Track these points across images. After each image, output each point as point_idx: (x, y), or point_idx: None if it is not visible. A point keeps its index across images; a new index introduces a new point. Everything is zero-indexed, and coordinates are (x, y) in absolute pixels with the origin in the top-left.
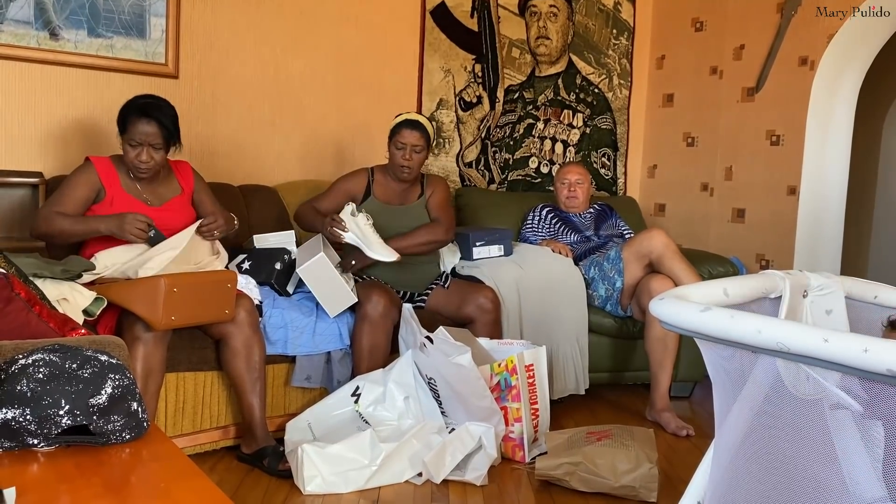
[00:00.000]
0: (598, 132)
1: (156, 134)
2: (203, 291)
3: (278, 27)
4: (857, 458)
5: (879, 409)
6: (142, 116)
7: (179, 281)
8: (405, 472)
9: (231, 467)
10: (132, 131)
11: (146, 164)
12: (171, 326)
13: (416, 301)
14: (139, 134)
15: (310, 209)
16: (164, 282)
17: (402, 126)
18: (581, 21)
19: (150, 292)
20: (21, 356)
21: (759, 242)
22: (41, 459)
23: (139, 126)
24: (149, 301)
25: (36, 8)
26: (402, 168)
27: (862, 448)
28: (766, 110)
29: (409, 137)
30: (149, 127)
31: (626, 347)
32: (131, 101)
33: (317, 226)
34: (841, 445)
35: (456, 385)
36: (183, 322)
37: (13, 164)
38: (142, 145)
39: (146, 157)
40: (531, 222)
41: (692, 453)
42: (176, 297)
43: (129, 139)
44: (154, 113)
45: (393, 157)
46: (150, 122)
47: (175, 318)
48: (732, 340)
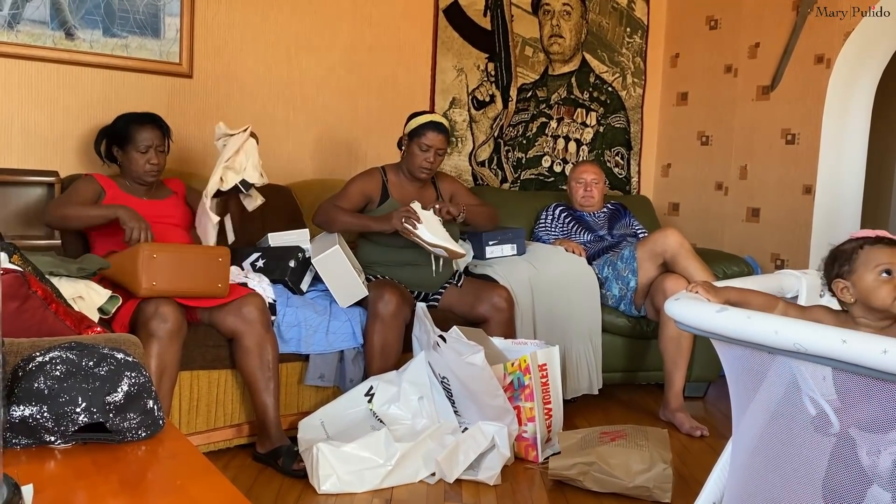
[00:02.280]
0: (612, 131)
1: (160, 137)
2: (189, 262)
3: (292, 26)
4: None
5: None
6: (145, 122)
7: (161, 249)
8: (420, 472)
9: (245, 465)
10: (140, 138)
11: (157, 166)
12: (153, 293)
13: (429, 300)
14: (147, 139)
15: (336, 209)
16: (144, 248)
17: (428, 128)
18: (594, 19)
19: (133, 259)
20: (38, 354)
21: (774, 242)
22: (58, 456)
23: (144, 132)
24: (132, 267)
25: (52, 8)
26: (423, 169)
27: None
28: (781, 109)
29: (434, 140)
30: (154, 131)
31: (640, 347)
32: (120, 117)
33: (354, 225)
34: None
35: (469, 384)
36: (167, 289)
37: (29, 163)
38: (150, 149)
39: (156, 160)
40: (544, 221)
41: (706, 454)
42: (156, 263)
43: (137, 147)
44: (154, 119)
45: (414, 158)
46: (154, 127)
47: (156, 284)
48: (749, 341)
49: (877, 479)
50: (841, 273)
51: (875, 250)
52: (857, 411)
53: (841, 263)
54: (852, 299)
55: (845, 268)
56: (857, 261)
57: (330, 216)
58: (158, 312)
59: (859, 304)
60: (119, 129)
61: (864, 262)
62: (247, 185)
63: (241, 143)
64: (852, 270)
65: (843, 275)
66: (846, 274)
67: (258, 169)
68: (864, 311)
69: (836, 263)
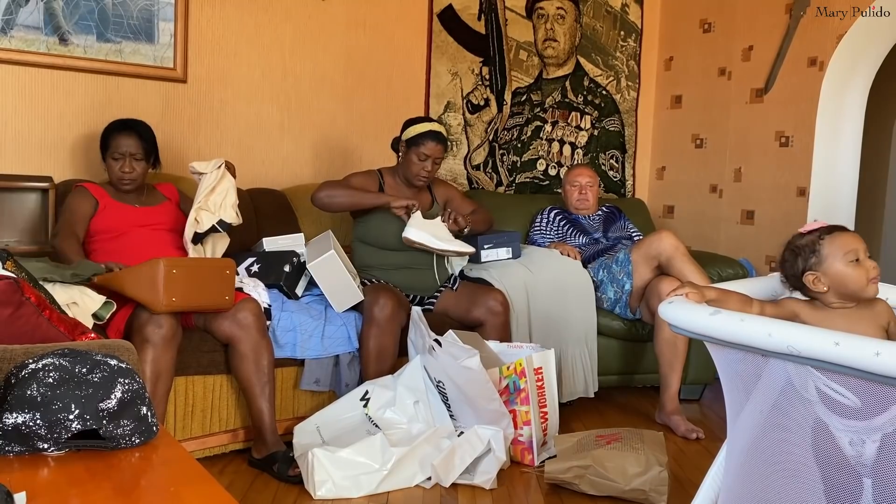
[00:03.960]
0: (606, 134)
1: (136, 145)
2: (201, 276)
3: (286, 31)
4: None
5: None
6: (122, 130)
7: (178, 264)
8: (416, 477)
9: (240, 470)
10: (114, 145)
11: (129, 174)
12: (171, 308)
13: (425, 304)
14: (121, 146)
15: (339, 184)
16: (163, 263)
17: (427, 138)
18: (588, 23)
19: (151, 274)
20: (31, 361)
21: (769, 244)
22: (51, 464)
23: (120, 139)
24: (149, 283)
25: (45, 13)
26: (420, 177)
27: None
28: (775, 111)
29: (434, 150)
30: (129, 139)
31: (636, 350)
32: (112, 122)
33: (354, 198)
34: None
35: (465, 388)
36: (183, 304)
37: (23, 168)
38: (124, 157)
39: (129, 168)
40: (539, 225)
41: (702, 456)
42: (175, 278)
43: (112, 154)
44: (133, 127)
45: (412, 166)
46: (130, 135)
47: (175, 300)
48: (742, 344)
49: (861, 469)
50: (809, 266)
51: (837, 238)
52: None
53: (805, 257)
54: (825, 288)
55: (812, 260)
56: (822, 251)
57: (333, 190)
58: (153, 318)
59: (832, 291)
60: (103, 134)
61: (830, 251)
62: (224, 225)
63: (215, 181)
64: (820, 261)
65: (811, 267)
66: (815, 266)
67: (235, 208)
68: (837, 297)
69: (798, 258)
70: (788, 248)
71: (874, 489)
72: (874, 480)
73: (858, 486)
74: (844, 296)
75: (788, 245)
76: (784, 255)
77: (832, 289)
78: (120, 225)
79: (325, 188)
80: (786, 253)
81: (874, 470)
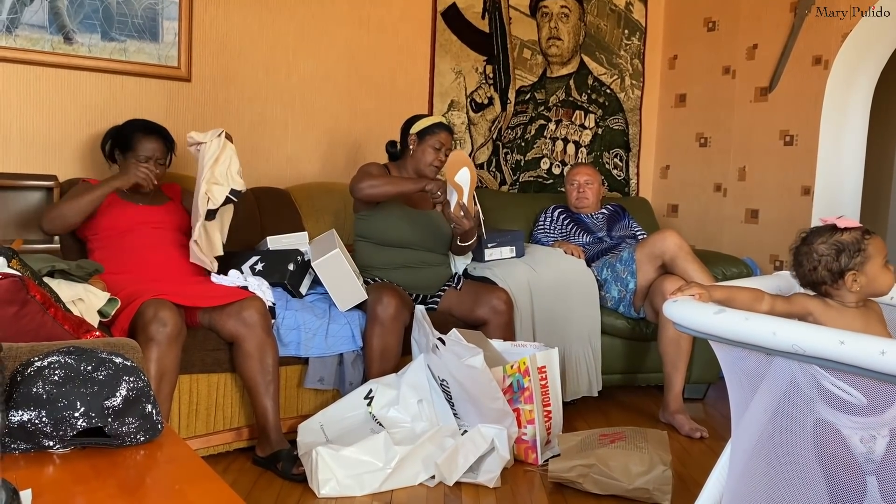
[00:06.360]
0: (611, 133)
1: (161, 149)
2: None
3: (290, 29)
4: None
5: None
6: (149, 133)
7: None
8: (419, 475)
9: (244, 469)
10: (140, 147)
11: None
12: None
13: (428, 303)
14: (147, 149)
15: (372, 175)
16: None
17: (440, 128)
18: (592, 21)
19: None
20: (37, 358)
21: (773, 243)
22: (56, 461)
23: (146, 142)
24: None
25: (50, 12)
26: (434, 167)
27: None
28: (779, 110)
29: (446, 140)
30: (155, 143)
31: (639, 349)
32: (130, 122)
33: (392, 185)
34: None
35: (468, 387)
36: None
37: (28, 167)
38: (150, 160)
39: (154, 171)
40: (543, 223)
41: (706, 455)
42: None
43: (137, 156)
44: (159, 131)
45: (426, 157)
46: (157, 139)
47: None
48: (747, 342)
49: (870, 466)
50: (853, 265)
51: (877, 240)
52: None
53: (851, 255)
54: (859, 287)
55: (857, 259)
56: (868, 251)
57: (373, 180)
58: (158, 316)
59: (861, 291)
60: (125, 134)
61: (873, 252)
62: (237, 193)
63: (217, 151)
64: (864, 261)
65: (855, 266)
66: (858, 265)
67: (240, 174)
68: (860, 297)
69: (842, 255)
70: (834, 245)
71: (882, 485)
72: (883, 476)
73: (862, 486)
74: (866, 296)
75: (833, 241)
76: (819, 250)
77: (863, 289)
78: (124, 223)
79: (365, 179)
80: (821, 247)
81: (883, 465)
